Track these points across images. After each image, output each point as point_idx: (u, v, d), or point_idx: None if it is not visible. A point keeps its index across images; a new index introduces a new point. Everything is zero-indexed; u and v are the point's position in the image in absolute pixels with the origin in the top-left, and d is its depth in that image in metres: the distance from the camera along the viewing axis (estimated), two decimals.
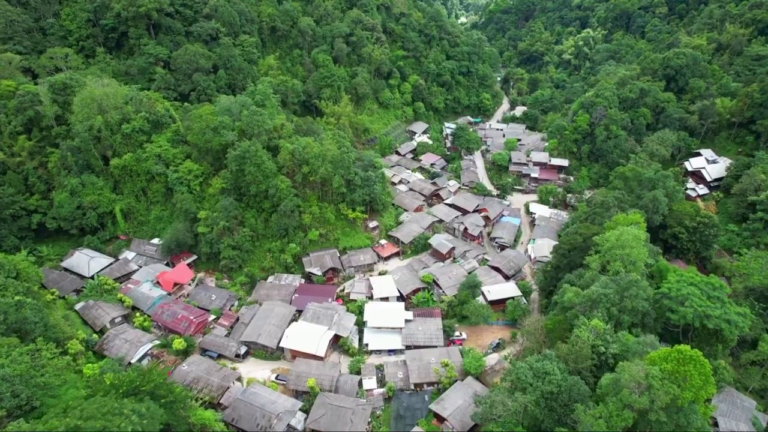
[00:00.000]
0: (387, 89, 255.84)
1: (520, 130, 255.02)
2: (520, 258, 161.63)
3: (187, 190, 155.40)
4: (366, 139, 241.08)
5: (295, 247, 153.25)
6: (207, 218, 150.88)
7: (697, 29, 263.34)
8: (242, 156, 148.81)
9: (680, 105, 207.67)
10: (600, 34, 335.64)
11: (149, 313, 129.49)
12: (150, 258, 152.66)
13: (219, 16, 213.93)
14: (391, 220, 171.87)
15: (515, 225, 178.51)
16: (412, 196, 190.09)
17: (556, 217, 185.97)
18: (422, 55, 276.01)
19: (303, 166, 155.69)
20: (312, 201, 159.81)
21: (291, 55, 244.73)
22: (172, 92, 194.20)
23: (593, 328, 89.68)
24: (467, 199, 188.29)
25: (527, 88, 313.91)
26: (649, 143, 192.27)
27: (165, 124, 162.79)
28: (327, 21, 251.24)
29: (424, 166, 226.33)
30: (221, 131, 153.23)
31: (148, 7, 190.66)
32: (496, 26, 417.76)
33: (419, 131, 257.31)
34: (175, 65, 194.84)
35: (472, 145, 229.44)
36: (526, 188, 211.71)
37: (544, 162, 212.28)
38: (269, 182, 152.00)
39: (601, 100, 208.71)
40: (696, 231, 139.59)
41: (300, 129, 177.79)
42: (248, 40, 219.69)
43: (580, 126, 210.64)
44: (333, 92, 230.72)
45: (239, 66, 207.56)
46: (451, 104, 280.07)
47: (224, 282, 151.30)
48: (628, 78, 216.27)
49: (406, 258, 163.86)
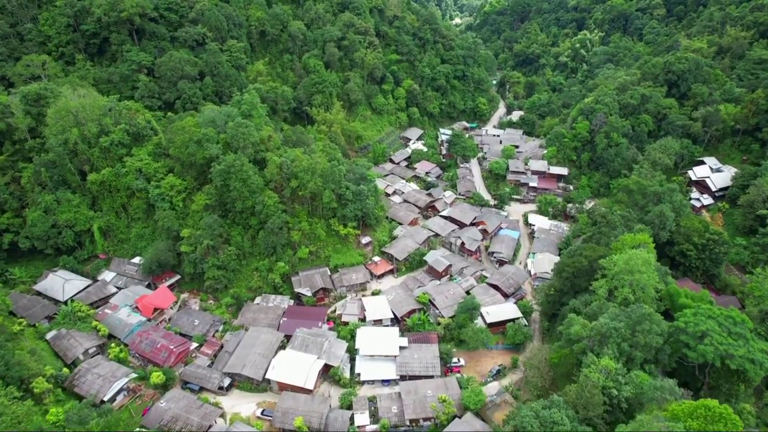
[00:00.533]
0: (380, 95, 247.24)
1: (517, 136, 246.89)
2: (520, 275, 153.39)
3: (169, 206, 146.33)
4: (359, 146, 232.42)
5: (284, 266, 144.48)
6: (190, 237, 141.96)
7: (696, 32, 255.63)
8: (227, 171, 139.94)
9: (683, 111, 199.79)
10: (597, 37, 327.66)
11: (127, 341, 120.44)
12: (130, 278, 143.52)
13: (205, 21, 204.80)
14: (385, 234, 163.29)
15: (514, 238, 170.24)
16: (406, 208, 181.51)
17: (556, 229, 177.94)
18: (416, 59, 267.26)
19: (291, 180, 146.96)
20: (301, 217, 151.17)
21: (281, 60, 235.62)
22: (156, 101, 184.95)
23: (604, 368, 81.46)
24: (464, 211, 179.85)
25: (524, 91, 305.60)
26: (651, 152, 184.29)
27: (146, 137, 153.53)
28: (318, 25, 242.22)
29: (419, 174, 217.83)
30: (205, 144, 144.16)
31: (130, 12, 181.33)
32: (491, 28, 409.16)
33: (414, 138, 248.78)
34: (160, 72, 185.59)
35: (468, 152, 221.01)
36: (525, 198, 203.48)
37: (543, 171, 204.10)
38: (256, 198, 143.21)
39: (601, 107, 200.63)
40: (705, 248, 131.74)
41: (289, 140, 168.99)
42: (236, 45, 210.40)
43: (580, 133, 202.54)
44: (324, 99, 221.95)
45: (226, 73, 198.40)
46: (447, 109, 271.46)
47: (209, 304, 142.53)
48: (629, 83, 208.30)
49: (401, 275, 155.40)
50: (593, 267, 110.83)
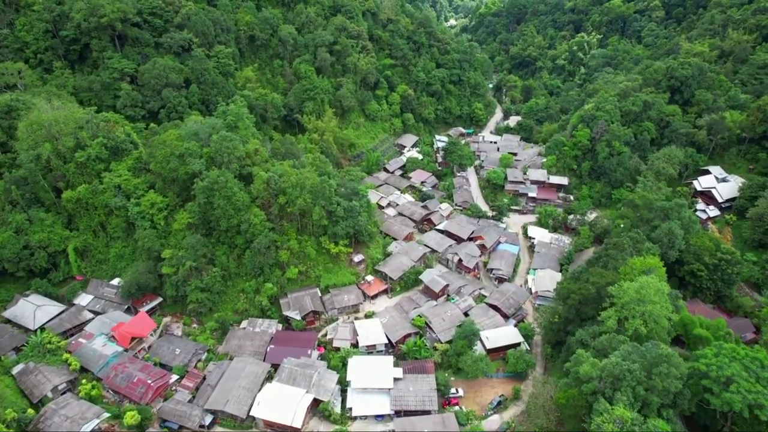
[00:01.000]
0: (374, 101, 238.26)
1: (514, 143, 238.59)
2: (520, 294, 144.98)
3: (150, 225, 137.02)
4: (352, 155, 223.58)
5: (272, 288, 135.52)
6: (172, 257, 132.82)
7: (697, 35, 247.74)
8: (210, 188, 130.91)
9: (686, 118, 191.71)
10: (595, 39, 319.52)
11: (101, 375, 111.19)
12: (109, 302, 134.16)
13: (192, 26, 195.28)
14: (379, 252, 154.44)
15: (513, 254, 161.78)
16: (401, 222, 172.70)
17: (557, 242, 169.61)
18: (411, 64, 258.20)
19: (279, 196, 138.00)
20: (290, 234, 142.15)
21: (271, 65, 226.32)
22: (140, 110, 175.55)
23: (619, 418, 73.09)
24: (461, 224, 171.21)
25: (521, 96, 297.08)
26: (654, 161, 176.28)
27: (125, 151, 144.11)
28: (309, 29, 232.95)
29: (414, 184, 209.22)
30: (187, 159, 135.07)
31: (111, 18, 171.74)
32: (486, 30, 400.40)
33: (408, 145, 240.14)
34: (143, 80, 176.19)
35: (464, 161, 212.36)
36: (524, 208, 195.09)
37: (542, 180, 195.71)
38: (241, 216, 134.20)
39: (602, 114, 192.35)
40: (717, 269, 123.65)
41: (277, 152, 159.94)
42: (224, 51, 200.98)
43: (580, 141, 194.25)
44: (316, 106, 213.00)
45: (213, 80, 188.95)
46: (442, 115, 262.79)
47: (193, 328, 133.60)
48: (630, 89, 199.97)
49: (396, 295, 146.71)
50: (601, 294, 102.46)
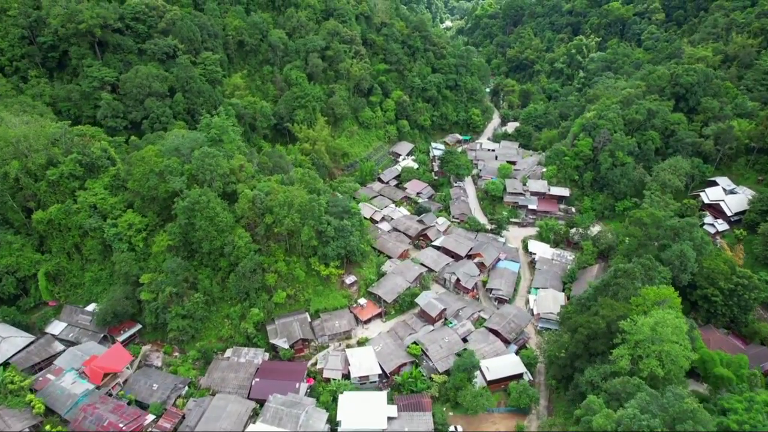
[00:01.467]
0: (368, 108, 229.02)
1: (513, 150, 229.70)
2: (522, 316, 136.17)
3: (127, 247, 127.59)
4: (345, 164, 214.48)
5: (258, 313, 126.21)
6: (151, 283, 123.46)
7: (700, 39, 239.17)
8: (191, 208, 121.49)
9: (692, 127, 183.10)
10: (593, 42, 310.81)
11: (68, 417, 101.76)
12: (84, 330, 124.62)
13: (177, 32, 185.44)
14: (372, 272, 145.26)
15: (514, 272, 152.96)
16: (395, 238, 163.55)
17: (559, 258, 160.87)
18: (406, 69, 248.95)
19: (266, 215, 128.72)
20: (278, 255, 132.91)
21: (261, 71, 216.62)
22: (122, 120, 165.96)
23: None
24: (458, 240, 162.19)
25: (518, 101, 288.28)
26: (660, 173, 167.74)
27: (102, 167, 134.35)
28: (300, 33, 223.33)
29: (410, 195, 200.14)
30: (167, 177, 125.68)
31: (89, 24, 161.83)
32: (483, 32, 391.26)
33: (404, 153, 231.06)
34: (124, 89, 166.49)
35: (461, 171, 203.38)
36: (524, 221, 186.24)
37: (543, 192, 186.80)
38: (224, 238, 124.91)
39: (605, 122, 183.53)
40: (733, 294, 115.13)
41: (264, 167, 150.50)
42: (211, 57, 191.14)
43: (582, 151, 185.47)
44: (307, 114, 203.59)
45: (199, 88, 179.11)
46: (438, 121, 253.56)
47: (174, 357, 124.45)
48: (633, 96, 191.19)
49: (390, 319, 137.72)
50: (611, 329, 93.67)
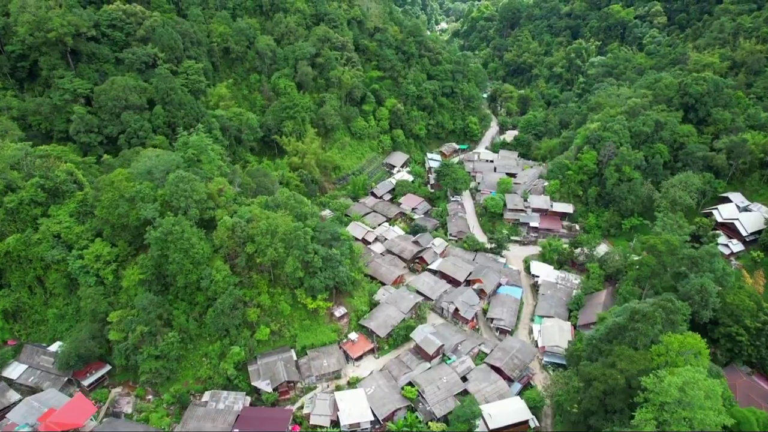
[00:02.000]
0: (360, 117, 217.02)
1: (512, 161, 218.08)
2: (526, 351, 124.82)
3: (95, 281, 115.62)
4: (337, 177, 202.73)
5: (239, 352, 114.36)
6: (121, 321, 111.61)
7: (706, 44, 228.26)
8: (164, 239, 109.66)
9: (702, 140, 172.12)
10: (593, 46, 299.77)
11: None
12: (46, 373, 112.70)
13: (157, 39, 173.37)
14: (364, 301, 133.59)
15: (516, 299, 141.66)
16: (389, 261, 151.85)
17: (564, 282, 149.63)
18: (400, 75, 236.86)
19: (247, 244, 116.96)
20: (261, 287, 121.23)
21: (247, 80, 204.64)
22: (96, 136, 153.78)
23: None
24: (456, 264, 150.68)
25: (517, 107, 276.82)
26: (670, 189, 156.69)
27: (67, 192, 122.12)
28: (289, 40, 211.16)
29: (405, 210, 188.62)
30: (138, 204, 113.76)
31: (59, 33, 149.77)
32: (479, 35, 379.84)
33: (398, 164, 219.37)
34: (98, 102, 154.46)
35: (459, 185, 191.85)
36: (525, 239, 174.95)
37: (545, 208, 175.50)
38: (201, 271, 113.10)
39: (610, 135, 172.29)
40: (761, 333, 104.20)
41: (247, 188, 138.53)
42: (194, 66, 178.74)
43: (586, 165, 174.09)
44: (296, 125, 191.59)
45: (180, 100, 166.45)
46: (434, 129, 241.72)
47: (147, 402, 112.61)
48: (640, 107, 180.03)
49: (383, 354, 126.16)
50: (631, 384, 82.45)
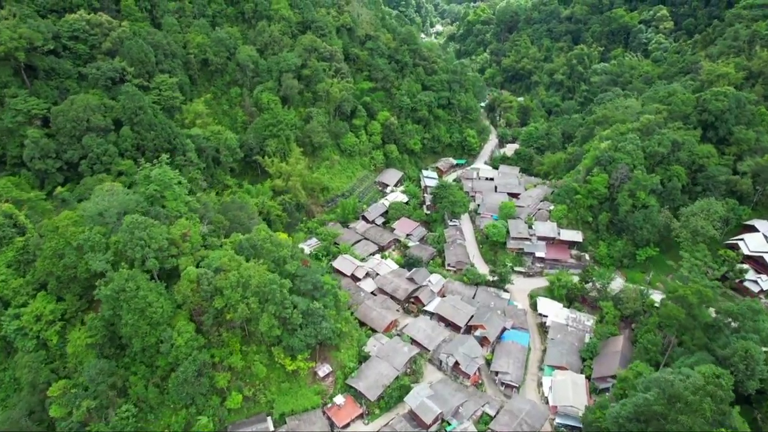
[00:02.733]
0: (350, 133, 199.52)
1: (514, 179, 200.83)
2: (536, 414, 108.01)
3: (35, 344, 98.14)
4: (324, 200, 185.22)
5: (207, 423, 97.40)
6: (64, 394, 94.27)
7: (719, 53, 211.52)
8: (115, 297, 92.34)
9: (723, 161, 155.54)
10: (596, 51, 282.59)
11: None
12: None
13: (125, 52, 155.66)
14: (352, 355, 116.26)
15: (523, 347, 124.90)
16: (381, 303, 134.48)
17: (575, 323, 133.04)
18: (393, 86, 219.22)
19: (215, 298, 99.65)
20: (232, 346, 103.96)
21: (228, 94, 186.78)
22: (54, 161, 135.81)
23: None
24: (456, 306, 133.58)
25: (517, 118, 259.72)
26: (690, 218, 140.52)
27: (5, 238, 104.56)
28: (273, 50, 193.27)
29: (399, 236, 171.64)
30: (87, 255, 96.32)
31: (8, 47, 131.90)
32: (475, 39, 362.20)
33: (391, 183, 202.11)
34: (56, 124, 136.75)
35: (457, 209, 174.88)
36: (530, 269, 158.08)
37: (552, 236, 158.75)
38: (160, 333, 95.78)
39: (623, 156, 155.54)
40: None
41: (219, 227, 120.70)
42: (167, 81, 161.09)
43: (596, 189, 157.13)
44: (280, 144, 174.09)
45: (150, 121, 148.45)
46: (430, 144, 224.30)
47: None
48: (654, 124, 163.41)
49: (374, 419, 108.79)
50: None
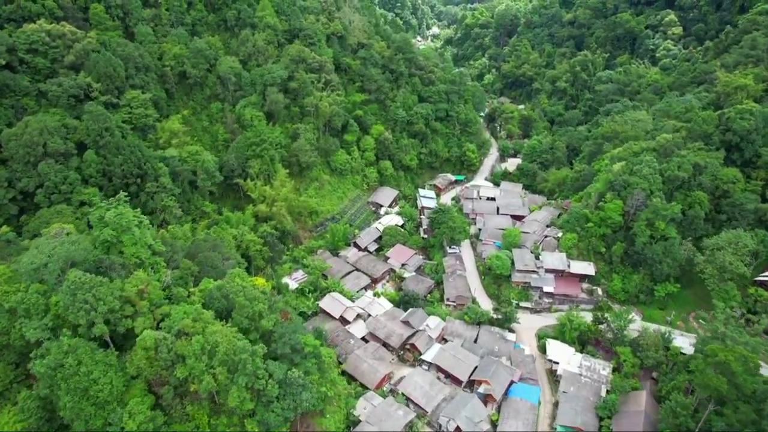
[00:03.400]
0: (341, 149, 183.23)
1: (517, 198, 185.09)
2: None
3: None
4: (313, 224, 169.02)
5: None
6: None
7: (735, 62, 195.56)
8: (51, 375, 76.16)
9: (750, 187, 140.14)
10: (600, 58, 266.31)
11: None
12: None
13: (91, 66, 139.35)
14: (339, 421, 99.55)
15: (533, 406, 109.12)
16: (373, 353, 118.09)
17: (590, 373, 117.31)
18: (388, 98, 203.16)
19: (177, 367, 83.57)
20: (198, 419, 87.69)
21: (208, 110, 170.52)
22: (6, 191, 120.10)
23: None
24: (457, 356, 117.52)
25: (519, 129, 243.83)
26: (716, 253, 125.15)
27: None
28: (257, 61, 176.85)
29: (393, 266, 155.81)
30: (21, 320, 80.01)
31: None
32: (473, 43, 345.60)
33: (386, 203, 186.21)
34: (8, 150, 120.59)
35: (457, 235, 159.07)
36: (537, 305, 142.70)
37: (561, 269, 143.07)
38: (108, 413, 79.65)
39: (639, 180, 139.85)
40: None
41: (186, 273, 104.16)
42: (139, 97, 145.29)
43: (610, 217, 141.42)
44: (264, 165, 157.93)
45: (117, 143, 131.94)
46: (427, 159, 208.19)
47: None
48: (672, 144, 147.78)
49: None
50: None
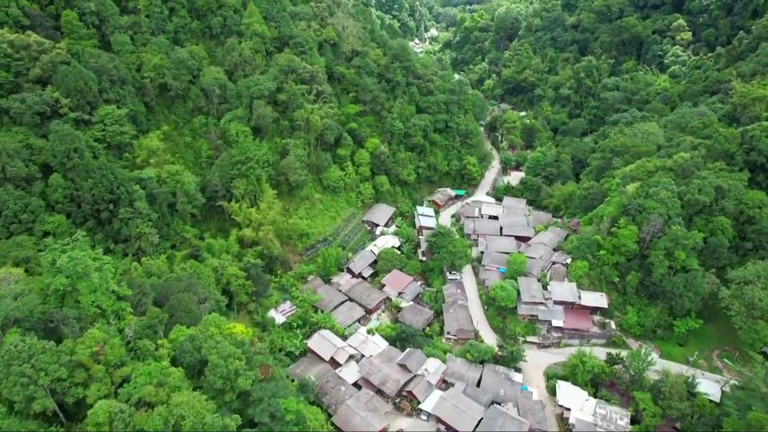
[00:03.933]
0: (334, 165, 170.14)
1: (521, 217, 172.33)
2: None
3: None
4: (303, 247, 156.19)
5: None
6: None
7: (752, 71, 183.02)
8: None
9: None
10: (605, 64, 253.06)
11: None
12: None
13: (60, 80, 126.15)
14: None
15: None
16: (366, 403, 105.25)
17: (606, 423, 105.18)
18: (384, 109, 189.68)
19: None
20: None
21: (191, 124, 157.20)
22: None
23: None
24: (459, 405, 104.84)
25: (521, 140, 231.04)
26: (745, 289, 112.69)
27: None
28: (244, 71, 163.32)
29: (390, 295, 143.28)
30: None
31: None
32: (473, 47, 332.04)
33: (382, 221, 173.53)
34: None
35: (457, 261, 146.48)
36: (545, 339, 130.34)
37: (572, 301, 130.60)
38: None
39: (655, 205, 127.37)
40: None
41: (154, 320, 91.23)
42: (114, 113, 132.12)
43: (624, 245, 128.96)
44: (250, 185, 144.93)
45: (87, 165, 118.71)
46: (425, 173, 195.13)
47: None
48: (691, 164, 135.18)
49: None
50: None
